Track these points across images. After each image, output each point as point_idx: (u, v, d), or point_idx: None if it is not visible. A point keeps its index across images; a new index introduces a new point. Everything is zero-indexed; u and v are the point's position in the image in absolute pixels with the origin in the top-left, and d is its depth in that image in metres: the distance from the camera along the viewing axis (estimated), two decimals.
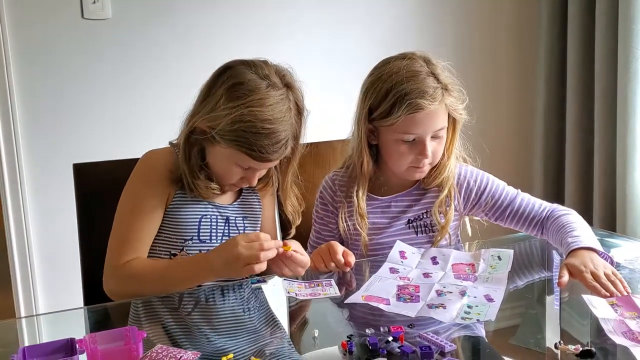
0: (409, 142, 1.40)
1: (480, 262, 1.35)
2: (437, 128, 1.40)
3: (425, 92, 1.35)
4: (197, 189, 1.31)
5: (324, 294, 1.24)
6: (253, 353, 1.01)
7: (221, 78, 1.28)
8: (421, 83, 1.36)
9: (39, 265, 2.26)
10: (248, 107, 1.22)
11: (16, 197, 2.20)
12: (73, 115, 2.25)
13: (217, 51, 2.38)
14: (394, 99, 1.36)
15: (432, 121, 1.38)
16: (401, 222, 1.49)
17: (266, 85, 1.25)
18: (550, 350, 1.05)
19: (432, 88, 1.36)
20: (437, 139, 1.42)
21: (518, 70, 2.88)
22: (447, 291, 1.21)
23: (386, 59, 1.45)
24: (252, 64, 1.29)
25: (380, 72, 1.41)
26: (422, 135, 1.39)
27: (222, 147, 1.26)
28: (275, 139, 1.24)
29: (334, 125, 1.66)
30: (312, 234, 1.58)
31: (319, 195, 1.55)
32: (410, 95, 1.35)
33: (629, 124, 2.31)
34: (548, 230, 1.44)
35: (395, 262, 1.36)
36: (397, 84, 1.37)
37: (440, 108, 1.39)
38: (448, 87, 1.39)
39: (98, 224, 1.45)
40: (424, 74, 1.37)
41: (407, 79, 1.36)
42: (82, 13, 2.21)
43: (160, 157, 1.34)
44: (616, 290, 1.16)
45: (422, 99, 1.34)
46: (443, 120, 1.41)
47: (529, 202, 1.48)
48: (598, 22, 2.43)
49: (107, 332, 1.02)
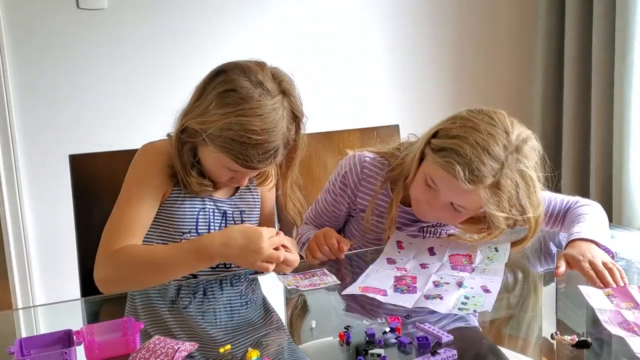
0: (428, 186, 1.31)
1: (477, 253, 1.35)
2: (459, 204, 1.30)
3: (473, 168, 1.21)
4: (190, 186, 1.30)
5: (323, 283, 1.24)
6: (250, 344, 1.01)
7: (214, 82, 1.25)
8: (478, 159, 1.22)
9: (35, 256, 2.26)
10: (237, 116, 1.19)
11: (12, 189, 2.20)
12: (69, 105, 2.24)
13: (213, 41, 2.38)
14: (449, 145, 1.25)
15: (457, 194, 1.27)
16: (414, 228, 1.47)
17: (259, 94, 1.21)
18: (546, 340, 1.05)
19: (481, 172, 1.22)
20: (456, 212, 1.32)
21: (515, 62, 2.88)
22: (444, 282, 1.21)
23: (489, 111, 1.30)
24: (247, 68, 1.24)
25: (468, 115, 1.29)
26: (441, 194, 1.30)
27: (211, 150, 1.25)
28: (262, 150, 1.21)
29: (329, 116, 1.67)
30: (314, 207, 1.53)
31: (342, 174, 1.46)
32: (459, 157, 1.22)
33: (625, 116, 2.32)
34: (564, 223, 1.43)
35: (393, 253, 1.36)
36: (463, 138, 1.24)
37: (473, 192, 1.24)
38: (500, 187, 1.23)
39: (94, 215, 1.45)
40: (490, 157, 1.22)
41: (473, 144, 1.23)
42: (77, 3, 2.20)
43: (159, 150, 1.33)
44: (613, 280, 1.16)
45: (462, 170, 1.21)
46: (468, 203, 1.28)
47: (550, 200, 1.44)
48: (595, 13, 2.43)
49: (105, 323, 1.02)
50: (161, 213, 1.33)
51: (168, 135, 1.35)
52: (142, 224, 1.29)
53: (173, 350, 0.94)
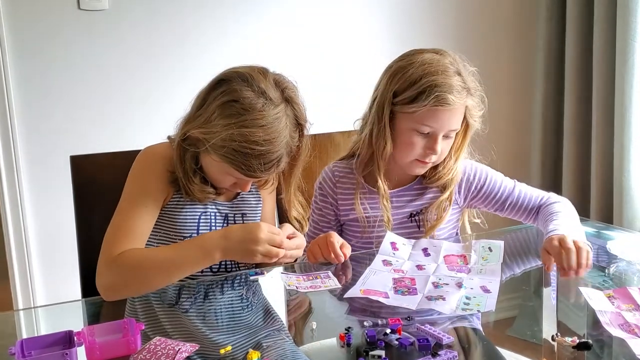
0: (422, 134, 1.40)
1: (472, 254, 1.35)
2: (452, 128, 1.41)
3: (453, 88, 1.36)
4: (193, 193, 1.29)
5: (324, 286, 1.24)
6: (251, 345, 1.01)
7: (216, 91, 1.23)
8: (450, 79, 1.36)
9: (36, 257, 2.26)
10: (240, 127, 1.19)
11: (13, 189, 2.20)
12: (70, 106, 2.24)
13: (214, 43, 2.38)
14: (422, 87, 1.36)
15: (451, 119, 1.39)
16: (403, 216, 1.50)
17: (262, 103, 1.20)
18: (547, 342, 1.05)
19: (458, 87, 1.37)
20: (448, 139, 1.43)
21: (516, 62, 2.87)
22: (443, 283, 1.22)
23: (418, 49, 1.45)
24: (250, 77, 1.22)
25: (411, 59, 1.41)
26: (437, 131, 1.39)
27: (214, 159, 1.25)
28: (265, 160, 1.21)
29: (330, 117, 1.66)
30: (309, 225, 1.58)
31: (318, 186, 1.55)
32: (440, 88, 1.35)
33: (626, 117, 2.32)
34: (538, 218, 1.49)
35: (387, 254, 1.36)
36: (428, 73, 1.36)
37: (461, 109, 1.40)
38: (471, 90, 1.40)
39: (95, 216, 1.45)
40: (452, 72, 1.38)
41: (439, 72, 1.36)
42: (78, 4, 2.20)
43: (160, 154, 1.31)
44: (576, 261, 1.22)
45: (450, 94, 1.35)
46: (458, 121, 1.42)
47: (526, 193, 1.52)
48: (596, 14, 2.43)
49: (105, 324, 1.02)
50: (162, 217, 1.32)
51: (169, 137, 1.35)
52: (144, 229, 1.28)
53: (174, 351, 0.94)
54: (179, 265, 1.20)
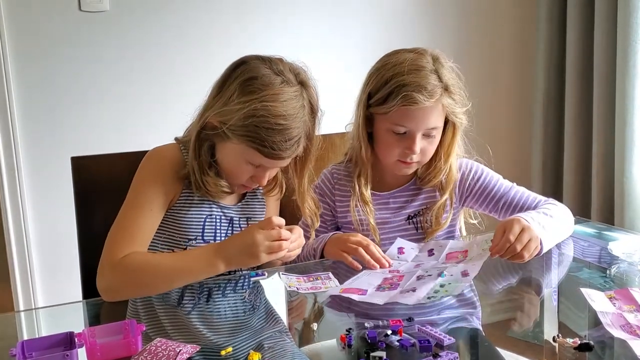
0: (399, 135, 1.39)
1: (473, 247, 1.35)
2: (430, 126, 1.39)
3: (423, 87, 1.34)
4: (205, 186, 1.28)
5: (325, 287, 1.24)
6: (252, 347, 1.01)
7: (235, 72, 1.26)
8: (422, 78, 1.35)
9: (37, 258, 2.26)
10: (262, 101, 1.20)
11: (14, 191, 2.20)
12: (71, 108, 2.24)
13: (216, 43, 2.38)
14: (391, 87, 1.36)
15: (425, 118, 1.37)
16: (401, 218, 1.49)
17: (280, 80, 1.23)
18: (548, 343, 1.05)
19: (431, 85, 1.35)
20: (429, 138, 1.41)
21: (517, 63, 2.87)
22: (428, 275, 1.22)
23: (397, 50, 1.45)
24: (268, 59, 1.27)
25: (386, 60, 1.42)
26: (413, 130, 1.38)
27: (234, 144, 1.24)
28: (287, 136, 1.22)
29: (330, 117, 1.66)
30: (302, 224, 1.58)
31: (318, 186, 1.55)
32: (407, 87, 1.34)
33: (627, 118, 2.31)
34: None
35: (392, 258, 1.36)
36: (398, 74, 1.37)
37: (436, 107, 1.37)
38: (449, 88, 1.38)
39: (96, 217, 1.45)
40: (427, 70, 1.37)
41: (409, 72, 1.36)
42: (79, 5, 2.20)
43: (167, 156, 1.31)
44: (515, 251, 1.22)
45: (419, 93, 1.34)
46: (437, 120, 1.40)
47: (522, 194, 1.49)
48: (597, 15, 2.43)
49: (106, 325, 1.03)
50: (167, 219, 1.32)
51: (176, 139, 1.35)
52: (147, 231, 1.27)
53: (175, 352, 0.94)
54: (181, 274, 1.21)
